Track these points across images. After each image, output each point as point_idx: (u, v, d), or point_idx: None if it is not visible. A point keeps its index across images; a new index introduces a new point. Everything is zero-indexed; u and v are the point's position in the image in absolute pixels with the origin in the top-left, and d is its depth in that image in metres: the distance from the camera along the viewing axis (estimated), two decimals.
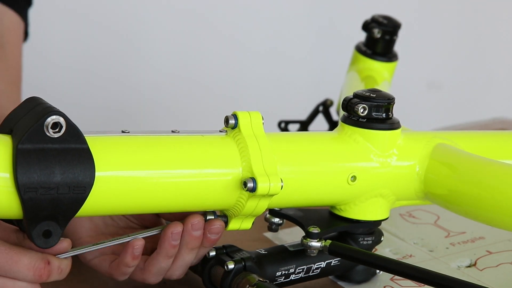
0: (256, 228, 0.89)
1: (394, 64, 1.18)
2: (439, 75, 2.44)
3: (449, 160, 0.86)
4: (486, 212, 0.83)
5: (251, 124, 0.80)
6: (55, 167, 0.70)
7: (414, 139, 0.88)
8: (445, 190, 0.86)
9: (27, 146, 0.69)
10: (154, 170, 0.76)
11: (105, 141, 0.75)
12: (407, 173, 0.87)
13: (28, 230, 0.71)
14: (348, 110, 0.85)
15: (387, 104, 0.85)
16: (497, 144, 0.94)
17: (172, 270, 0.84)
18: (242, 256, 0.84)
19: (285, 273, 0.86)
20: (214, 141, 0.80)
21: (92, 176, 0.71)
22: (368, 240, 0.88)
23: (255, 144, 0.79)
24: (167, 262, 0.82)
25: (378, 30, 1.15)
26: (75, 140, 0.71)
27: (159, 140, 0.78)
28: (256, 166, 0.78)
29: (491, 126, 1.40)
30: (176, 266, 0.83)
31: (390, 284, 0.91)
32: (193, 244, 0.82)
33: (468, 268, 0.96)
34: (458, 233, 1.03)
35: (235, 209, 0.80)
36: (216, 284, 0.85)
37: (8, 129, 0.72)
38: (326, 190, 0.85)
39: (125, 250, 0.81)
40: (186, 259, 0.83)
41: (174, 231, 0.81)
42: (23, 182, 0.69)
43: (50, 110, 0.70)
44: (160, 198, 0.77)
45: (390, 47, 1.17)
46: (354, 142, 0.85)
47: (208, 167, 0.78)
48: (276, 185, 0.78)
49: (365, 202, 0.86)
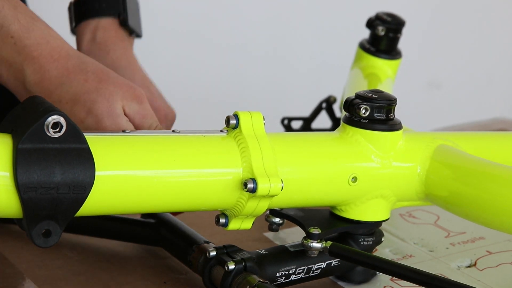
0: (256, 228, 0.89)
1: (398, 61, 1.18)
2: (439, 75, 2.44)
3: (450, 162, 0.86)
4: (486, 215, 0.83)
5: (252, 124, 0.80)
6: (55, 167, 0.70)
7: (416, 140, 0.88)
8: (446, 191, 0.86)
9: (28, 145, 0.69)
10: (155, 170, 0.76)
11: (105, 140, 0.75)
12: (408, 174, 0.87)
13: (28, 229, 0.71)
14: (350, 110, 0.85)
15: (389, 105, 0.85)
16: (499, 145, 0.94)
17: None
18: (242, 257, 0.84)
19: (286, 273, 0.86)
20: (215, 141, 0.80)
21: (92, 176, 0.71)
22: (368, 241, 0.88)
23: (256, 144, 0.79)
24: None
25: (382, 27, 1.15)
26: (76, 140, 0.71)
27: (159, 140, 0.78)
28: (257, 167, 0.78)
29: (491, 126, 1.40)
30: None
31: (390, 284, 0.91)
32: None
33: (468, 268, 0.96)
34: (458, 233, 1.03)
35: (235, 209, 0.80)
36: (217, 284, 0.85)
37: (9, 129, 0.72)
38: (327, 191, 0.85)
39: None
40: None
41: None
42: (23, 182, 0.69)
43: (50, 110, 0.70)
44: (160, 198, 0.77)
45: (394, 45, 1.17)
46: (356, 143, 0.85)
47: (209, 167, 0.78)
48: (277, 186, 0.78)
49: (366, 203, 0.86)
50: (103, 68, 0.91)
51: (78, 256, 0.94)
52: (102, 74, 0.90)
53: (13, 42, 0.88)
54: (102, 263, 0.93)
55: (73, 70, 0.89)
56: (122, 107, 0.89)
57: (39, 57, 0.89)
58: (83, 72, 0.89)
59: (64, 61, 0.89)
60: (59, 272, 0.91)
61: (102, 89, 0.89)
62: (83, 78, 0.89)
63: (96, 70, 0.90)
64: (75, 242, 0.96)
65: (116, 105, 0.89)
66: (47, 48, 0.89)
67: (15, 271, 0.90)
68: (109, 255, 0.95)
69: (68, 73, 0.89)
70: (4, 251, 0.93)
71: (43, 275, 0.90)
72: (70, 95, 0.89)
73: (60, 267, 0.91)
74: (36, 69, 0.89)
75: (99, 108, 0.88)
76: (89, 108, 0.88)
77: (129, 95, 0.90)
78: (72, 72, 0.89)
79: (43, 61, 0.89)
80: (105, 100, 0.88)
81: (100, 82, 0.89)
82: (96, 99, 0.88)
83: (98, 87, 0.89)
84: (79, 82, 0.89)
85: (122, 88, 0.90)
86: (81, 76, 0.89)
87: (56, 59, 0.89)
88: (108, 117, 0.88)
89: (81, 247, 0.96)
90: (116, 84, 0.89)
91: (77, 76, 0.89)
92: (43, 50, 0.89)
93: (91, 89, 0.88)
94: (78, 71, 0.89)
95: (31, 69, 0.89)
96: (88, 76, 0.89)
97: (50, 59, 0.89)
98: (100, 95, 0.88)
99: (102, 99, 0.88)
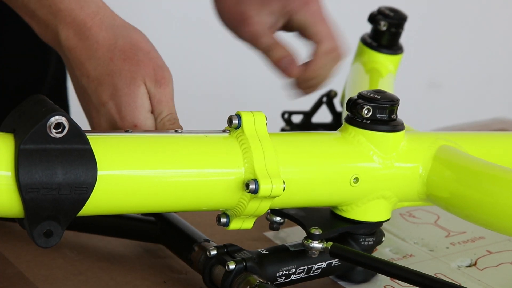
0: (257, 228, 0.89)
1: (400, 56, 1.17)
2: (439, 75, 2.44)
3: (452, 163, 0.86)
4: (487, 217, 0.83)
5: (254, 125, 0.80)
6: (57, 168, 0.70)
7: (418, 140, 0.88)
8: (447, 193, 0.86)
9: (30, 146, 0.69)
10: (156, 170, 0.76)
11: (107, 140, 0.75)
12: (410, 175, 0.87)
13: (29, 229, 0.71)
14: (352, 111, 0.85)
15: (392, 105, 0.85)
16: (501, 146, 0.94)
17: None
18: (243, 256, 0.84)
19: (286, 273, 0.86)
20: (217, 141, 0.80)
21: (94, 177, 0.71)
22: (369, 241, 0.88)
23: (258, 145, 0.79)
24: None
25: (384, 22, 1.15)
26: (78, 141, 0.71)
27: (161, 140, 0.78)
28: (259, 167, 0.78)
29: (491, 126, 1.40)
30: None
31: (390, 284, 0.91)
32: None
33: (468, 268, 0.96)
34: (458, 233, 1.03)
35: (237, 209, 0.80)
36: (217, 283, 0.85)
37: (11, 128, 0.71)
38: (328, 192, 0.85)
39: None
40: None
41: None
42: (25, 182, 0.69)
43: (53, 110, 0.70)
44: (161, 198, 0.77)
45: (395, 40, 1.16)
46: (358, 144, 0.85)
47: (211, 167, 0.78)
48: (278, 187, 0.78)
49: (367, 203, 0.86)
50: (133, 43, 0.88)
51: (78, 256, 0.94)
52: (129, 51, 0.87)
53: (49, 4, 0.87)
54: (102, 263, 0.93)
55: (102, 44, 0.87)
56: (144, 88, 0.88)
57: (72, 23, 0.87)
58: (110, 48, 0.87)
59: (96, 31, 0.87)
60: (59, 272, 0.91)
61: (124, 71, 0.87)
62: (109, 55, 0.87)
63: (124, 46, 0.87)
64: (75, 242, 0.96)
65: (137, 93, 0.87)
66: (80, 14, 0.87)
67: (15, 271, 0.90)
68: (109, 255, 0.95)
69: (97, 47, 0.87)
70: (4, 251, 0.93)
71: (43, 275, 0.90)
72: (96, 74, 0.87)
73: (60, 267, 0.91)
74: (69, 35, 0.87)
75: (120, 96, 0.87)
76: (111, 93, 0.87)
77: (150, 76, 0.87)
78: (101, 46, 0.87)
79: (76, 28, 0.87)
80: (126, 87, 0.87)
81: (125, 61, 0.87)
82: (117, 85, 0.87)
83: (121, 68, 0.87)
84: (105, 60, 0.87)
85: (145, 68, 0.87)
86: (108, 54, 0.87)
87: (89, 27, 0.87)
88: (127, 107, 0.87)
89: (81, 247, 0.96)
90: (140, 63, 0.87)
91: (104, 53, 0.87)
92: (77, 16, 0.87)
93: (114, 71, 0.87)
94: (106, 47, 0.87)
95: (65, 34, 0.87)
96: (114, 53, 0.87)
97: (83, 27, 0.87)
98: (122, 79, 0.87)
99: (123, 85, 0.87)
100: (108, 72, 0.87)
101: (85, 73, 0.88)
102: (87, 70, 0.87)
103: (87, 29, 0.87)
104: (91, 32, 0.87)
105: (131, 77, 0.87)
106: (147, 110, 0.88)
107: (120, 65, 0.87)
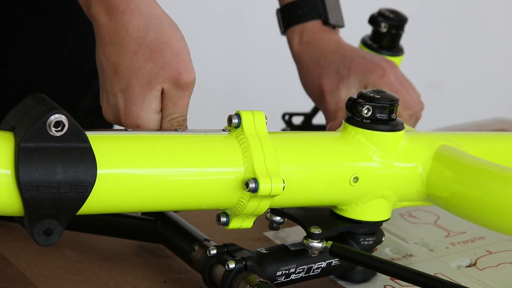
0: (257, 227, 0.89)
1: (400, 58, 1.17)
2: (439, 75, 2.44)
3: (452, 163, 0.86)
4: (487, 216, 0.83)
5: (254, 124, 0.80)
6: (57, 166, 0.70)
7: (417, 140, 0.88)
8: (447, 192, 0.86)
9: (29, 144, 0.69)
10: (156, 169, 0.76)
11: (107, 139, 0.75)
12: (409, 175, 0.87)
13: (29, 227, 0.71)
14: (352, 110, 0.85)
15: (391, 105, 0.85)
16: (501, 146, 0.94)
17: None
18: (243, 256, 0.84)
19: (286, 272, 0.86)
20: (217, 141, 0.80)
21: (94, 175, 0.71)
22: (369, 240, 0.88)
23: (258, 144, 0.79)
24: None
25: (385, 24, 1.15)
26: (77, 139, 0.71)
27: (161, 139, 0.78)
28: (258, 167, 0.78)
29: (491, 126, 1.40)
30: None
31: (390, 284, 0.91)
32: None
33: (468, 268, 0.96)
34: (458, 233, 1.03)
35: (236, 208, 0.80)
36: (217, 283, 0.85)
37: (10, 126, 0.71)
38: (328, 191, 0.85)
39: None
40: None
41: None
42: (25, 181, 0.69)
43: (52, 108, 0.70)
44: (161, 197, 0.77)
45: (396, 41, 1.16)
46: (357, 143, 0.85)
47: (210, 166, 0.78)
48: (278, 186, 0.78)
49: (367, 202, 0.86)
50: (163, 40, 0.85)
51: (78, 256, 0.94)
52: (156, 48, 0.84)
53: None
54: (102, 262, 0.93)
55: (131, 33, 0.84)
56: (158, 91, 0.85)
57: (107, 1, 0.85)
58: (138, 41, 0.84)
59: (128, 17, 0.84)
60: (59, 272, 0.91)
61: (144, 70, 0.84)
62: (135, 49, 0.84)
63: (151, 42, 0.84)
64: (75, 241, 0.96)
65: (148, 95, 0.85)
66: None
67: (15, 271, 0.90)
68: (109, 255, 0.95)
69: (125, 35, 0.84)
70: (4, 251, 0.93)
71: (43, 275, 0.90)
72: (117, 61, 0.85)
73: (60, 267, 0.91)
74: (102, 12, 0.85)
75: (130, 93, 0.85)
76: (123, 87, 0.85)
77: (170, 79, 0.85)
78: (129, 35, 0.84)
79: (109, 8, 0.84)
80: (139, 86, 0.85)
81: (148, 60, 0.84)
82: (132, 81, 0.85)
83: (142, 67, 0.84)
84: (129, 52, 0.84)
85: (170, 70, 0.85)
86: (134, 46, 0.84)
87: (122, 11, 0.84)
88: (133, 106, 0.85)
89: (81, 247, 0.96)
90: (165, 66, 0.84)
91: (130, 44, 0.84)
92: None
93: (134, 66, 0.84)
94: (134, 38, 0.84)
95: (98, 9, 0.85)
96: (140, 48, 0.84)
97: (116, 9, 0.84)
98: (139, 77, 0.84)
99: (137, 83, 0.85)
100: (128, 65, 0.85)
101: (106, 54, 0.85)
102: (109, 53, 0.85)
103: (119, 12, 0.84)
104: (123, 17, 0.84)
105: (148, 78, 0.85)
106: (154, 111, 0.86)
107: (142, 63, 0.84)
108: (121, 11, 0.84)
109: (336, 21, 1.14)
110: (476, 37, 2.52)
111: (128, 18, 0.84)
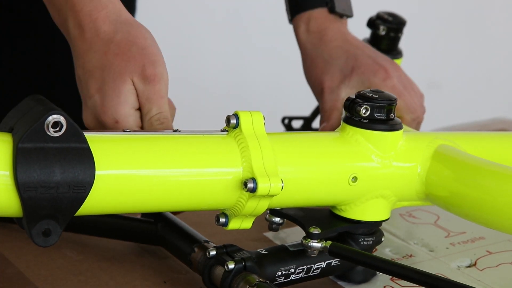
0: (256, 228, 0.89)
1: (399, 61, 1.18)
2: (439, 75, 2.44)
3: (450, 162, 0.86)
4: (486, 215, 0.83)
5: (252, 124, 0.80)
6: (55, 166, 0.70)
7: (416, 140, 0.88)
8: (446, 192, 0.86)
9: (28, 145, 0.69)
10: (155, 170, 0.76)
11: (105, 140, 0.75)
12: (408, 174, 0.87)
13: (27, 228, 0.71)
14: (350, 110, 0.85)
15: (389, 105, 0.85)
16: (499, 145, 0.94)
17: None
18: (242, 256, 0.84)
19: (285, 273, 0.86)
20: (215, 141, 0.80)
21: (92, 175, 0.71)
22: (368, 241, 0.88)
23: (256, 144, 0.79)
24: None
25: (383, 27, 1.15)
26: (76, 140, 0.71)
27: (159, 139, 0.78)
28: (257, 167, 0.78)
29: (491, 126, 1.40)
30: None
31: (390, 284, 0.91)
32: None
33: (468, 268, 0.96)
34: (458, 233, 1.03)
35: (235, 209, 0.80)
36: (217, 283, 0.85)
37: (9, 127, 0.72)
38: (327, 191, 0.85)
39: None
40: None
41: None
42: (23, 181, 0.69)
43: (50, 109, 0.70)
44: (160, 197, 0.77)
45: (395, 44, 1.16)
46: (356, 143, 0.85)
47: (209, 167, 0.78)
48: (277, 186, 0.78)
49: (366, 202, 0.86)
50: (130, 39, 0.87)
51: (78, 256, 0.94)
52: (124, 45, 0.87)
53: None
54: (102, 263, 0.93)
55: (102, 37, 0.87)
56: (131, 84, 0.87)
57: (80, 13, 0.87)
58: (108, 42, 0.87)
59: (99, 24, 0.87)
60: (59, 272, 0.91)
61: (114, 65, 0.86)
62: (105, 49, 0.87)
63: (120, 41, 0.87)
64: (75, 242, 0.96)
65: (122, 88, 0.86)
66: (89, 5, 0.87)
67: (15, 271, 0.90)
68: (109, 255, 0.95)
69: (97, 40, 0.87)
70: (4, 251, 0.93)
71: (43, 275, 0.90)
72: (90, 66, 0.87)
73: (60, 267, 0.91)
74: (75, 24, 0.87)
75: (106, 90, 0.86)
76: (99, 86, 0.86)
77: (137, 71, 0.86)
78: (100, 39, 0.87)
79: (82, 19, 0.87)
80: (112, 82, 0.86)
81: (117, 56, 0.86)
82: (105, 79, 0.86)
83: (111, 63, 0.86)
84: (99, 54, 0.87)
85: (134, 63, 0.86)
86: (104, 47, 0.87)
87: (94, 19, 0.87)
88: (110, 102, 0.86)
89: (81, 247, 0.96)
90: (131, 59, 0.86)
91: (101, 46, 0.87)
92: (84, 6, 0.87)
93: (105, 65, 0.86)
94: (105, 40, 0.87)
95: (72, 22, 0.87)
96: (110, 47, 0.87)
97: (88, 18, 0.87)
98: (110, 73, 0.86)
99: (110, 79, 0.86)
100: (100, 65, 0.86)
101: (81, 64, 0.88)
102: (84, 62, 0.87)
103: (91, 21, 0.87)
104: (95, 24, 0.87)
105: (119, 72, 0.86)
106: (131, 107, 0.87)
107: (111, 60, 0.86)
108: (93, 19, 0.87)
109: (343, 9, 1.13)
110: (476, 37, 2.52)
111: (99, 25, 0.87)
